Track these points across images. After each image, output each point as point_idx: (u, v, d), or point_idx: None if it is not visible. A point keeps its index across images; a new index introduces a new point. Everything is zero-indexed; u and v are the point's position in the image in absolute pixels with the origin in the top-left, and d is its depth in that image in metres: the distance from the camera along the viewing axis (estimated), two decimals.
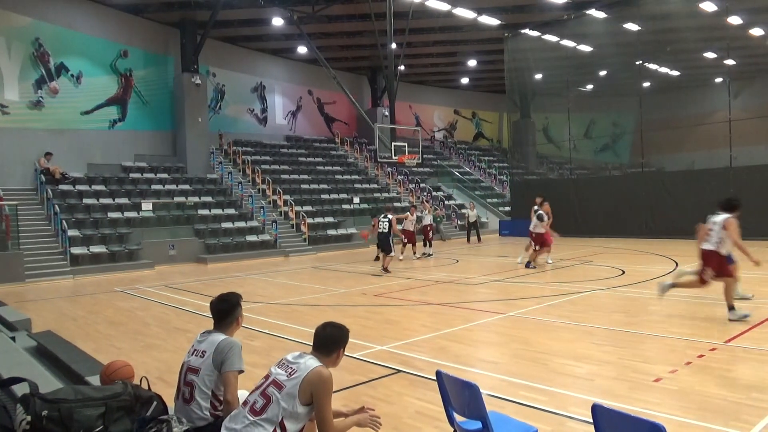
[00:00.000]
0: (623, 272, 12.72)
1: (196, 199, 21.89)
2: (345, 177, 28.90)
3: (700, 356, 5.98)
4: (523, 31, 25.70)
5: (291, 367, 2.90)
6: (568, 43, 25.42)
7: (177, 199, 21.40)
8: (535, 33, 25.76)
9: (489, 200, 31.23)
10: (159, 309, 10.48)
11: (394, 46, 23.32)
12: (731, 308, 7.62)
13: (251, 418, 2.79)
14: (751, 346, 6.36)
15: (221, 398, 3.19)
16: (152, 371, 6.11)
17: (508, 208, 29.89)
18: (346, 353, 3.23)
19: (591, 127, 32.62)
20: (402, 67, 27.84)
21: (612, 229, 22.15)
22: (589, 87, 31.83)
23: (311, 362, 2.89)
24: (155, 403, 2.83)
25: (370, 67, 32.74)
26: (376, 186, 29.24)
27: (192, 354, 3.33)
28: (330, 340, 3.04)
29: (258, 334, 7.92)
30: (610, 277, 12.17)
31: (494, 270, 14.21)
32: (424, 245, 18.72)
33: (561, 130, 27.94)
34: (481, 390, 3.13)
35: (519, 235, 25.59)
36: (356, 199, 26.35)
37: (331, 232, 23.37)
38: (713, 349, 6.26)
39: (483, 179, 35.35)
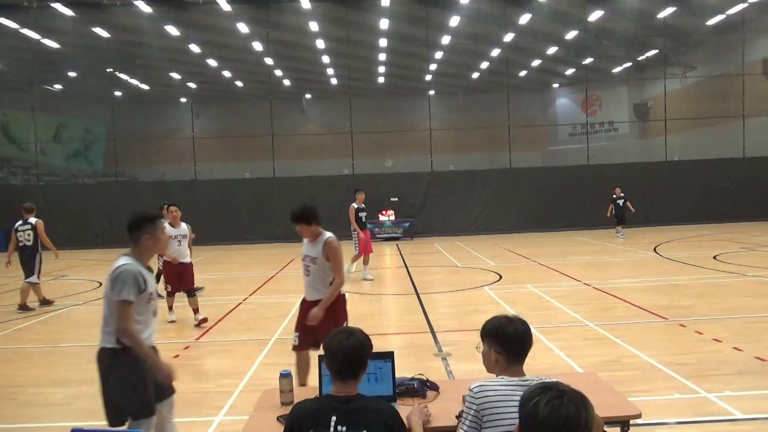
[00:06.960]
0: (100, 284, 12.46)
1: None
2: None
3: (176, 356, 6.50)
4: None
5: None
6: (32, 33, 22.52)
7: None
8: None
9: None
10: None
11: None
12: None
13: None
14: (216, 339, 7.38)
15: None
16: None
17: None
18: None
19: (61, 131, 30.25)
20: None
21: (83, 240, 21.00)
22: (58, 87, 29.53)
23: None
24: None
25: None
26: None
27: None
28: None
29: None
30: (88, 291, 11.74)
31: None
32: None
33: (26, 130, 24.99)
34: None
35: None
36: None
37: None
38: (187, 348, 6.93)
39: None
